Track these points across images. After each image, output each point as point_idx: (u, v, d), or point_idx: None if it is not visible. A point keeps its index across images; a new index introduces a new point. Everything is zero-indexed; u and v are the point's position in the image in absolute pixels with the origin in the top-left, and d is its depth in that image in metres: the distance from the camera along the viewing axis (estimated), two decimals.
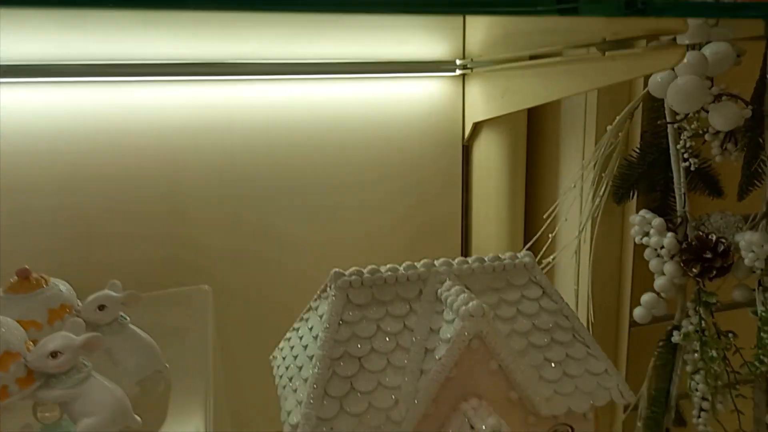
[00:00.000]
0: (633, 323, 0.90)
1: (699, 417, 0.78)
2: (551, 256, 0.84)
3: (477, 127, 0.95)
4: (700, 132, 0.73)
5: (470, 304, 0.55)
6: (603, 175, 0.81)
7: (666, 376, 0.81)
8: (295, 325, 0.67)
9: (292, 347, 0.64)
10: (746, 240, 0.68)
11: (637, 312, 0.80)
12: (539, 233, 0.85)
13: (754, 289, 0.72)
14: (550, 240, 0.86)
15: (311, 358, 0.57)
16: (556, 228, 0.90)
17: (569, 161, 0.87)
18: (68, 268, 0.78)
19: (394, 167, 0.96)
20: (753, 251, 0.68)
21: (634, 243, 0.84)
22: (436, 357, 0.55)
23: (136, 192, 0.86)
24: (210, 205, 0.90)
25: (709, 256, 0.71)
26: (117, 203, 0.86)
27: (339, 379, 0.55)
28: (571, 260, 0.85)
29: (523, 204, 0.94)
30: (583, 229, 0.82)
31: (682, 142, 0.74)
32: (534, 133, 0.94)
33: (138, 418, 0.51)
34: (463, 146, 0.99)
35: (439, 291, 0.60)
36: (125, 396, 0.46)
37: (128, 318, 0.52)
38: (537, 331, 0.61)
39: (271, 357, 0.68)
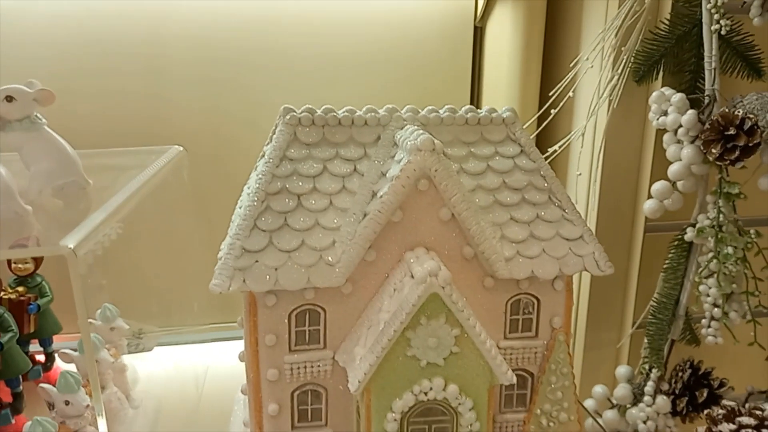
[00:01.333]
0: (648, 228, 0.80)
1: (709, 327, 0.69)
2: (557, 144, 0.76)
3: (490, 3, 0.86)
4: None
5: (419, 137, 0.48)
6: (623, 49, 0.71)
7: (676, 280, 0.71)
8: (250, 177, 0.62)
9: (240, 203, 0.60)
10: None
11: (647, 205, 0.70)
12: (550, 118, 0.76)
13: None
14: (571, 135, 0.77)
15: (248, 194, 0.53)
16: (573, 116, 0.81)
17: (591, 38, 0.77)
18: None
19: (396, 52, 0.89)
20: None
21: (656, 136, 0.75)
22: (379, 195, 0.49)
23: (115, 51, 0.83)
24: (190, 78, 0.87)
25: (732, 132, 0.61)
26: (96, 60, 0.84)
27: (272, 213, 0.50)
28: (582, 149, 0.76)
29: (537, 89, 0.85)
30: (595, 111, 0.73)
31: (714, 0, 0.63)
32: (554, 8, 0.84)
33: (90, 181, 0.52)
34: (474, 27, 0.90)
35: (396, 135, 0.53)
36: (77, 155, 0.46)
37: (44, 120, 0.49)
38: (507, 189, 0.54)
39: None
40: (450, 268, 0.49)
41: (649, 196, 0.71)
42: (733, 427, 0.50)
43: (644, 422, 0.71)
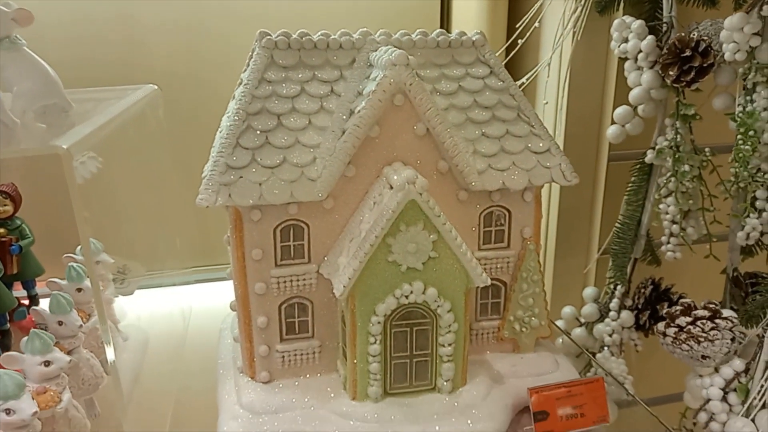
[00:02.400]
0: (612, 158, 0.84)
1: (668, 243, 0.73)
2: (525, 77, 0.78)
3: None
4: None
5: (394, 53, 0.50)
6: None
7: (638, 202, 0.76)
8: (228, 107, 0.63)
9: (220, 128, 0.61)
10: (727, 27, 0.61)
11: (610, 131, 0.74)
12: (517, 48, 0.79)
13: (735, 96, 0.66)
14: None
15: (228, 116, 0.54)
16: (540, 47, 0.84)
17: None
18: None
19: None
20: (734, 41, 0.61)
21: (618, 65, 0.78)
22: (357, 111, 0.51)
23: None
24: (164, 21, 0.86)
25: (688, 54, 0.64)
26: (70, 5, 0.83)
27: (253, 132, 0.52)
28: (548, 79, 0.79)
29: (505, 21, 0.87)
30: (560, 42, 0.76)
31: None
32: None
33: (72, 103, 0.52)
34: None
35: (371, 56, 0.55)
36: (58, 76, 0.47)
37: (24, 41, 0.50)
38: (478, 107, 0.57)
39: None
40: (427, 183, 0.51)
41: (613, 123, 0.74)
42: (689, 319, 0.55)
43: (610, 335, 0.76)
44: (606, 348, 0.76)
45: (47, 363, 0.47)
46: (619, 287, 0.77)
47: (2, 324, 0.70)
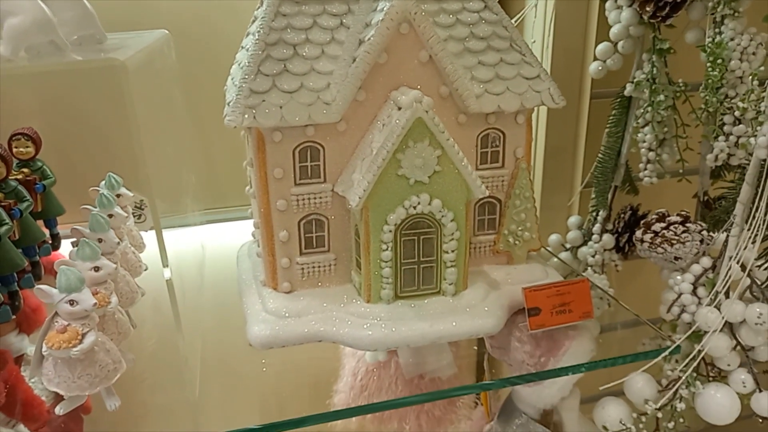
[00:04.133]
0: (594, 95, 0.91)
1: (645, 169, 0.80)
2: (514, 18, 0.83)
3: None
4: None
5: None
6: None
7: (618, 134, 0.82)
8: (243, 43, 0.68)
9: (238, 61, 0.66)
10: None
11: (592, 66, 0.80)
12: None
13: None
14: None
15: (248, 49, 0.59)
16: None
17: None
18: None
19: None
20: None
21: (599, 4, 0.83)
22: (366, 39, 0.57)
23: None
24: None
25: None
26: None
27: (273, 60, 0.57)
28: (535, 19, 0.84)
29: None
30: None
31: None
32: None
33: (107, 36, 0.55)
34: None
35: None
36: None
37: None
38: (474, 38, 0.62)
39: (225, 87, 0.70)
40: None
41: (595, 59, 0.80)
42: (663, 224, 0.61)
43: (593, 256, 0.83)
44: (589, 267, 0.83)
45: (97, 269, 0.53)
46: (601, 212, 0.84)
47: (32, 255, 0.74)
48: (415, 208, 0.57)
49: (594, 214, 0.86)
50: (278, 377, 0.98)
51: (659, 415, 0.60)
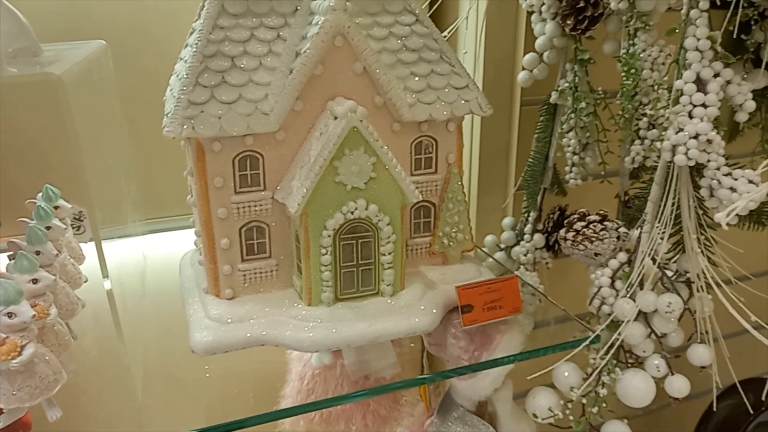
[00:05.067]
0: (524, 103, 0.96)
1: (570, 172, 0.85)
2: (446, 31, 0.87)
3: None
4: None
5: (332, 0, 0.58)
6: None
7: (546, 139, 0.87)
8: (181, 54, 0.69)
9: (177, 72, 0.67)
10: None
11: (520, 76, 0.85)
12: (438, 3, 0.88)
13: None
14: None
15: (186, 60, 0.60)
16: (459, 2, 0.93)
17: None
18: None
19: None
20: None
21: (527, 17, 0.88)
22: (302, 52, 0.59)
23: None
24: None
25: (582, 5, 0.75)
26: None
27: (211, 72, 0.58)
28: (467, 31, 0.89)
29: None
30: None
31: None
32: None
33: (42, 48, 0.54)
34: None
35: (312, 4, 0.62)
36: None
37: None
38: (406, 50, 0.65)
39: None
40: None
41: (523, 69, 0.85)
42: (583, 223, 0.66)
43: (525, 255, 0.88)
44: (522, 266, 0.88)
45: (35, 281, 0.53)
46: (532, 213, 0.89)
47: None
48: (352, 213, 0.60)
49: (526, 215, 0.90)
50: (225, 384, 0.98)
51: (584, 401, 0.65)
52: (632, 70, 0.73)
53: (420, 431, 0.77)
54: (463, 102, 0.66)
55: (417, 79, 0.65)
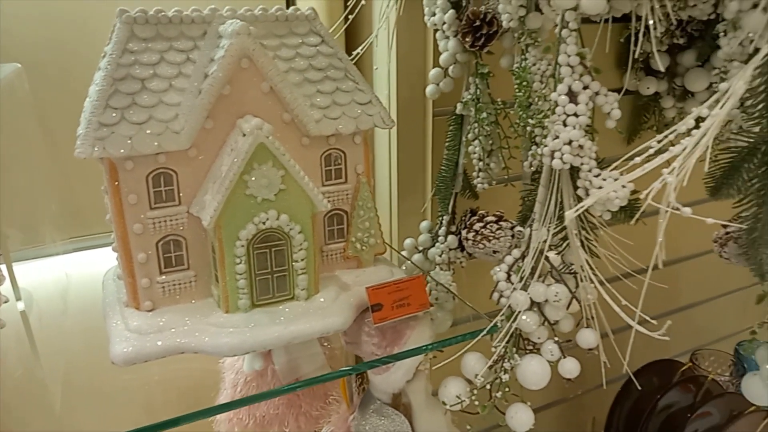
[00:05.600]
0: (435, 113, 1.02)
1: (478, 177, 0.92)
2: (359, 47, 0.93)
3: None
4: None
5: (237, 24, 0.62)
6: None
7: (455, 147, 0.94)
8: (94, 77, 0.71)
9: (90, 95, 0.69)
10: (501, 0, 0.79)
11: (428, 90, 0.91)
12: (347, 23, 0.93)
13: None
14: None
15: (97, 83, 0.63)
16: (372, 21, 0.98)
17: None
18: None
19: None
20: (507, 12, 0.79)
21: (433, 34, 0.94)
22: (210, 73, 0.62)
23: None
24: None
25: (479, 24, 0.82)
26: None
27: (121, 94, 0.61)
28: (377, 48, 0.94)
29: (341, 4, 1.01)
30: (385, 17, 0.91)
31: None
32: None
33: None
34: None
35: (220, 29, 0.66)
36: None
37: None
38: (312, 70, 0.70)
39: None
40: (274, 132, 0.64)
41: (431, 83, 0.91)
42: (482, 224, 0.72)
43: (440, 256, 0.94)
44: (438, 266, 0.94)
45: None
46: (445, 217, 0.95)
47: None
48: (264, 223, 0.64)
49: (440, 218, 0.96)
50: (158, 396, 1.00)
51: (488, 387, 0.70)
52: (524, 83, 0.79)
53: (344, 427, 0.81)
54: (367, 116, 0.71)
55: (323, 96, 0.69)
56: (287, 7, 1.09)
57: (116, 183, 0.62)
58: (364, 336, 0.71)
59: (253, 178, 0.62)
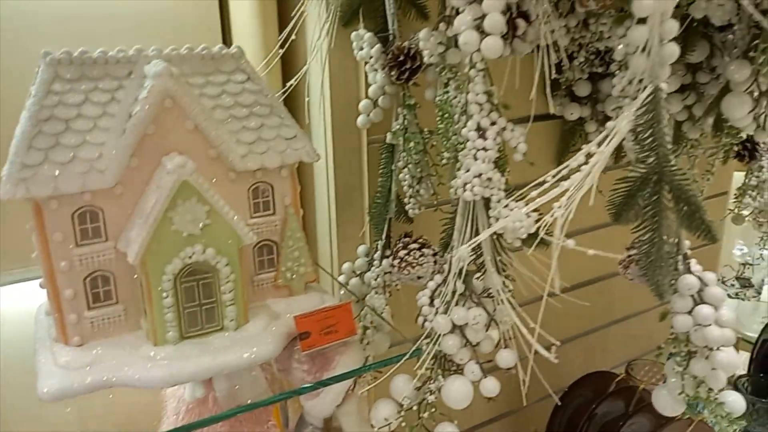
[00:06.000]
0: (370, 141, 1.05)
1: (409, 203, 0.95)
2: (293, 79, 0.96)
3: None
4: None
5: (159, 66, 0.64)
6: (329, 2, 0.92)
7: (388, 174, 0.97)
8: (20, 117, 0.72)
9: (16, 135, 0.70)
10: (421, 38, 0.83)
11: (359, 120, 0.94)
12: (277, 58, 0.96)
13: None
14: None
15: (21, 124, 0.64)
16: (306, 54, 1.01)
17: None
18: None
19: (149, 16, 1.01)
20: (428, 49, 0.83)
21: (364, 66, 0.98)
22: (133, 113, 0.64)
23: None
24: None
25: (403, 59, 0.86)
26: None
27: (45, 135, 0.63)
28: (309, 80, 0.97)
29: (276, 35, 1.03)
30: (317, 50, 0.94)
31: None
32: None
33: None
34: None
35: (145, 68, 0.68)
36: None
37: None
38: (239, 106, 0.72)
39: None
40: (200, 167, 0.66)
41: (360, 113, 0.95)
42: (406, 251, 0.76)
43: (375, 280, 0.97)
44: (373, 290, 0.97)
45: None
46: (379, 242, 0.98)
47: None
48: (190, 257, 0.66)
49: (376, 243, 0.99)
50: (99, 427, 0.99)
51: (414, 408, 0.73)
52: (445, 115, 0.84)
53: None
54: (293, 150, 0.73)
55: (249, 132, 0.72)
56: (223, 38, 1.13)
57: (41, 222, 0.63)
58: (295, 363, 0.73)
59: (178, 215, 0.64)
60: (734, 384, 1.41)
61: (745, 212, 1.40)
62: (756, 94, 0.90)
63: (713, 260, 1.74)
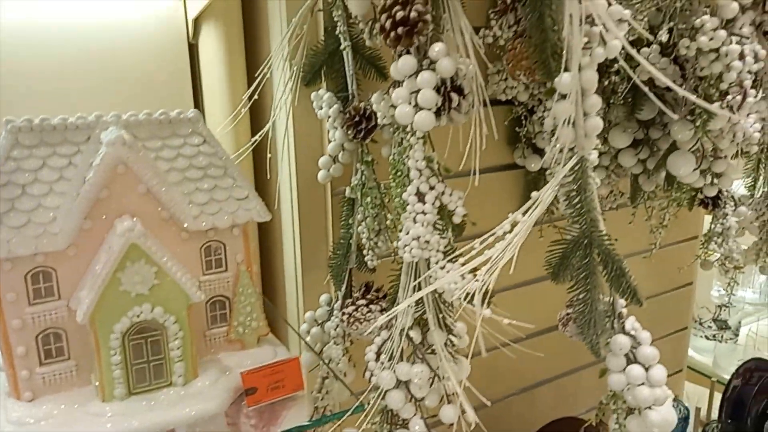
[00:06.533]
0: (334, 194, 1.09)
1: (368, 254, 0.98)
2: (257, 135, 0.99)
3: (197, 23, 1.07)
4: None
5: (113, 134, 0.68)
6: (293, 62, 0.97)
7: (348, 226, 1.00)
8: None
9: None
10: (373, 100, 0.87)
11: (319, 175, 0.98)
12: (241, 116, 1.00)
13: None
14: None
15: None
16: (272, 117, 1.05)
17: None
18: None
19: (120, 74, 1.06)
20: (380, 110, 0.87)
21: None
22: (87, 179, 0.68)
23: None
24: None
25: (359, 119, 0.90)
26: None
27: (1, 200, 0.66)
28: (271, 137, 1.01)
29: (244, 93, 1.08)
30: (279, 109, 0.98)
31: (339, 27, 0.91)
32: (250, 28, 1.08)
33: None
34: (189, 44, 1.10)
35: (102, 134, 0.72)
36: None
37: None
38: (193, 168, 0.76)
39: None
40: (153, 228, 0.69)
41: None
42: (354, 307, 0.78)
43: (335, 330, 0.99)
44: (332, 339, 0.99)
45: None
46: (339, 292, 1.00)
47: None
48: (138, 316, 0.68)
49: (337, 292, 1.02)
50: None
51: None
52: (398, 173, 0.87)
53: None
54: (244, 211, 0.77)
55: (202, 193, 0.75)
56: (195, 102, 1.17)
57: None
58: (243, 417, 0.75)
59: (126, 276, 0.67)
60: (703, 430, 1.42)
61: (712, 258, 1.43)
62: (699, 154, 0.94)
63: (688, 302, 1.76)
